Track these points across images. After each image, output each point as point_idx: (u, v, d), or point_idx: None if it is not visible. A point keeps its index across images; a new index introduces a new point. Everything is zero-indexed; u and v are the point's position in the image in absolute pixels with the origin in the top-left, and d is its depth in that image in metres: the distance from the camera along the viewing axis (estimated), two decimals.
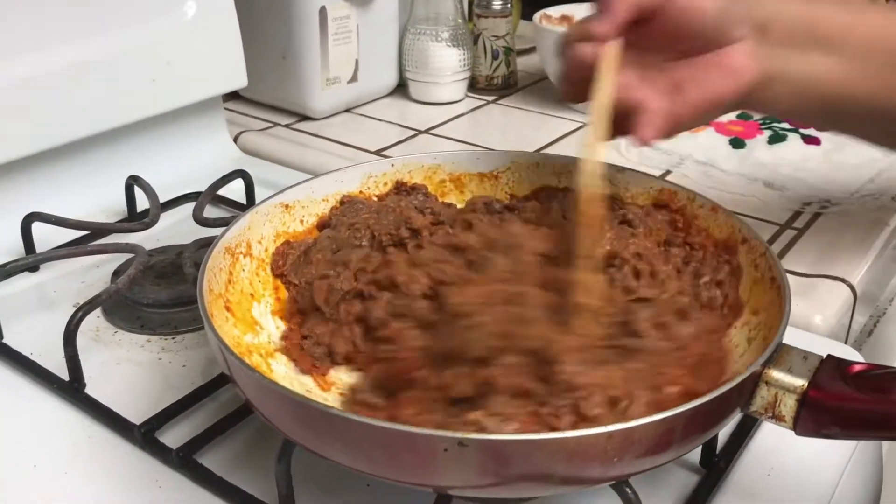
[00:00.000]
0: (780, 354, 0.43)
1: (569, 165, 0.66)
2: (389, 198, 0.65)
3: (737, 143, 0.94)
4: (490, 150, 0.92)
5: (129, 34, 0.80)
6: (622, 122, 0.55)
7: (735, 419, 0.53)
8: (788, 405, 0.42)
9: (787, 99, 0.59)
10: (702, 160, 0.90)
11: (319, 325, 0.54)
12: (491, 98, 1.13)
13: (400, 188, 0.67)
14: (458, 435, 0.36)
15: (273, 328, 0.56)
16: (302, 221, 0.63)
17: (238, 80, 0.91)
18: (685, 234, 0.59)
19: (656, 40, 0.57)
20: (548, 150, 0.95)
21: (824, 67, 0.57)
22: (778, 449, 0.53)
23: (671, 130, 0.56)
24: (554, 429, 0.41)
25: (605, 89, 0.54)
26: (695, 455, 0.51)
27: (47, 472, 0.51)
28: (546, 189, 0.67)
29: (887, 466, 0.83)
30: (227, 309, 0.53)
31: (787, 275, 0.69)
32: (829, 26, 0.57)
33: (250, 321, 0.55)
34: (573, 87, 0.58)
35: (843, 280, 0.69)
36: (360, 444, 0.39)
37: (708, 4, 0.55)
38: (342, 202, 0.64)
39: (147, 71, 0.81)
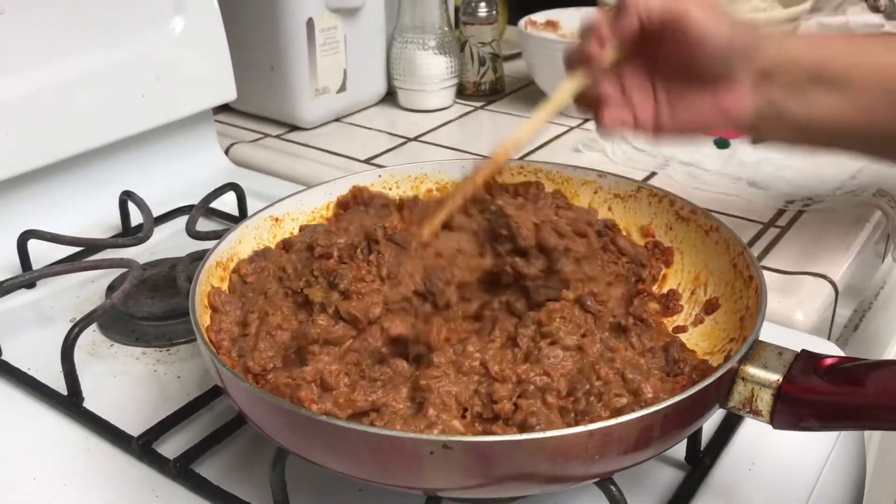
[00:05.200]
0: (756, 351, 0.44)
1: (552, 170, 0.68)
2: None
3: (721, 143, 0.95)
4: (476, 156, 0.93)
5: (118, 51, 0.81)
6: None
7: (718, 416, 0.55)
8: (764, 400, 0.43)
9: (782, 135, 0.62)
10: (686, 161, 0.91)
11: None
12: (479, 104, 1.14)
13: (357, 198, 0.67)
14: (443, 438, 0.38)
15: None
16: (291, 233, 0.64)
17: (227, 93, 0.92)
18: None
19: (664, 57, 0.59)
20: (535, 155, 0.96)
21: (824, 107, 0.59)
22: (761, 444, 0.54)
23: (652, 136, 0.60)
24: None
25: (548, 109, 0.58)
26: (680, 452, 0.52)
27: (47, 485, 0.52)
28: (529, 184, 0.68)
29: (877, 458, 0.85)
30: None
31: (770, 272, 0.71)
32: (834, 67, 0.58)
33: None
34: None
35: (824, 276, 0.70)
36: (348, 449, 0.41)
37: (714, 41, 0.56)
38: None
39: (137, 87, 0.82)
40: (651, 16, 0.56)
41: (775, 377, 0.43)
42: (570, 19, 1.13)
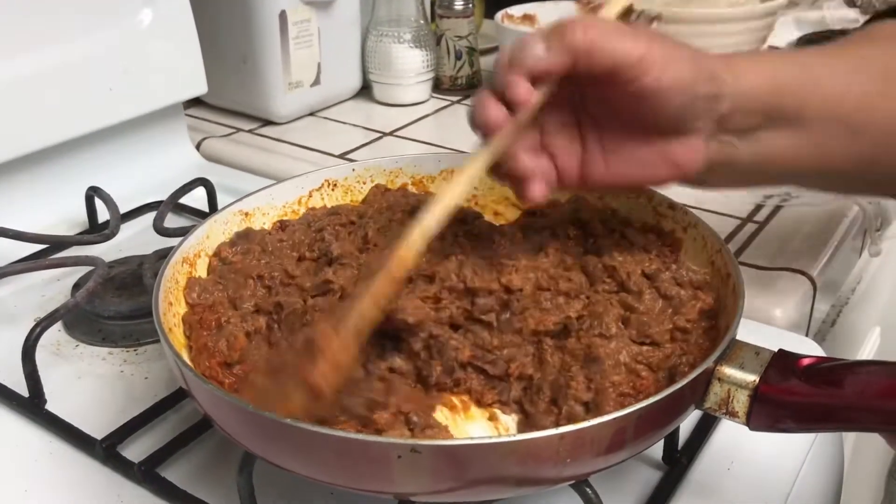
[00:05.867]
0: (733, 350, 0.44)
1: None
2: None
3: None
4: (451, 151, 0.92)
5: (84, 43, 0.79)
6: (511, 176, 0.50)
7: (696, 414, 0.54)
8: (741, 401, 0.42)
9: (731, 182, 0.54)
10: None
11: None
12: (455, 98, 1.13)
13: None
14: (411, 442, 0.37)
15: None
16: (262, 227, 0.63)
17: (197, 87, 0.90)
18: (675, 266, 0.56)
19: (602, 101, 0.49)
20: None
21: (779, 147, 0.50)
22: (739, 443, 0.53)
23: (578, 188, 0.54)
24: None
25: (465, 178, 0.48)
26: (657, 451, 0.51)
27: (6, 491, 0.51)
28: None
29: (854, 456, 0.84)
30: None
31: (748, 268, 0.70)
32: (787, 101, 0.49)
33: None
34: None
35: (802, 272, 0.69)
36: (315, 453, 0.39)
37: (676, 97, 0.46)
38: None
39: (104, 80, 0.81)
40: (594, 59, 0.45)
41: (752, 378, 0.42)
42: (547, 13, 1.12)
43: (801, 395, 0.41)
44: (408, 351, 0.49)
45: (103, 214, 0.77)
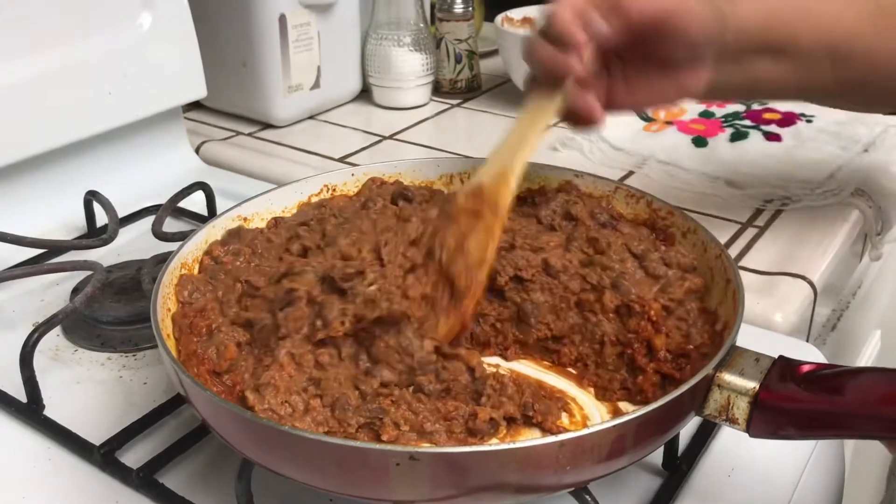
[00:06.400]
0: (733, 357, 0.43)
1: (528, 170, 0.67)
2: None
3: (699, 142, 0.94)
4: (450, 155, 0.92)
5: (84, 47, 0.79)
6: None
7: (696, 420, 0.54)
8: (741, 408, 0.42)
9: (721, 98, 0.65)
10: (664, 160, 0.90)
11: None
12: (455, 102, 1.13)
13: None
14: (410, 449, 0.36)
15: None
16: (254, 227, 0.62)
17: (197, 90, 0.90)
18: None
19: (633, 47, 0.57)
20: None
21: (769, 74, 0.60)
22: (739, 449, 0.53)
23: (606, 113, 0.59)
24: None
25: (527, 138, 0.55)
26: (657, 458, 0.51)
27: (4, 497, 0.50)
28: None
29: (854, 463, 0.84)
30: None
31: (749, 273, 0.70)
32: (779, 31, 0.58)
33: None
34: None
35: (803, 277, 0.69)
36: (314, 461, 0.39)
37: (700, 36, 0.56)
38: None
39: (103, 84, 0.80)
40: (644, 18, 0.53)
41: (752, 385, 0.42)
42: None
43: (801, 402, 0.40)
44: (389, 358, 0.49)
45: (102, 218, 0.77)
